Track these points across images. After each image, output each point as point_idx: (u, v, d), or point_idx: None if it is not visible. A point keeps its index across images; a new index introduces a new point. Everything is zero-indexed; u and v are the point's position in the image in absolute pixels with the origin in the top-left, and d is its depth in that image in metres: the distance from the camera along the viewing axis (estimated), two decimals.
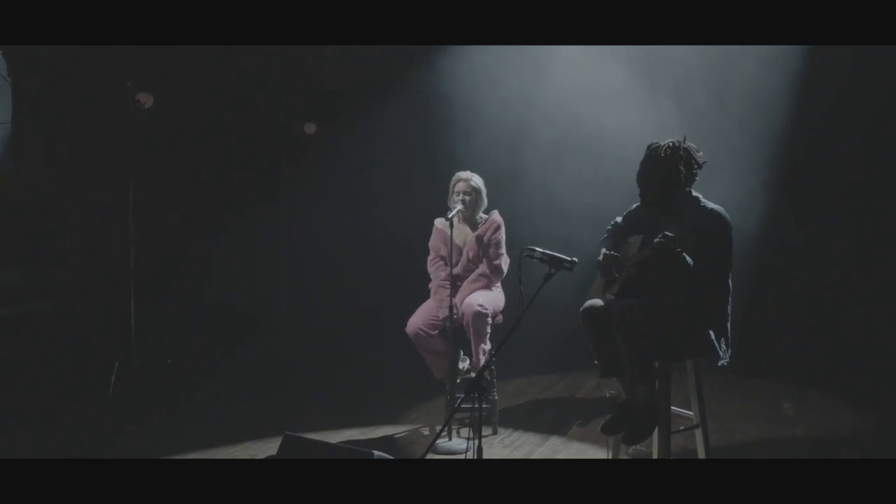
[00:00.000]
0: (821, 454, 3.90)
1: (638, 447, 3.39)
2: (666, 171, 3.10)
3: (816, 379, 5.37)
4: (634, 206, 3.45)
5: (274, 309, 6.54)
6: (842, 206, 5.61)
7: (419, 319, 4.29)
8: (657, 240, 2.91)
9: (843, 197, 5.62)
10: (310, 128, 6.80)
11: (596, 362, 3.33)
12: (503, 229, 4.35)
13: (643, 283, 3.14)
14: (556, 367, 5.88)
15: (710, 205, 3.13)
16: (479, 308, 4.14)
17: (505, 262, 4.39)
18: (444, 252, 4.38)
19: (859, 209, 5.56)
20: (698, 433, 3.19)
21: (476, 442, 2.93)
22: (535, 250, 2.99)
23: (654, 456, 3.13)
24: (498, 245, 4.33)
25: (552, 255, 2.99)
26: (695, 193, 3.19)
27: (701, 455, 3.20)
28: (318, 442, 3.22)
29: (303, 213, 6.62)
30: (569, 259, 3.02)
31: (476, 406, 2.91)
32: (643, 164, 3.19)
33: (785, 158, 5.52)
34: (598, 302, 3.22)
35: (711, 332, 3.08)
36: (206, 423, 4.50)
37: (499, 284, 4.44)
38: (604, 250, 3.35)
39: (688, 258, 2.96)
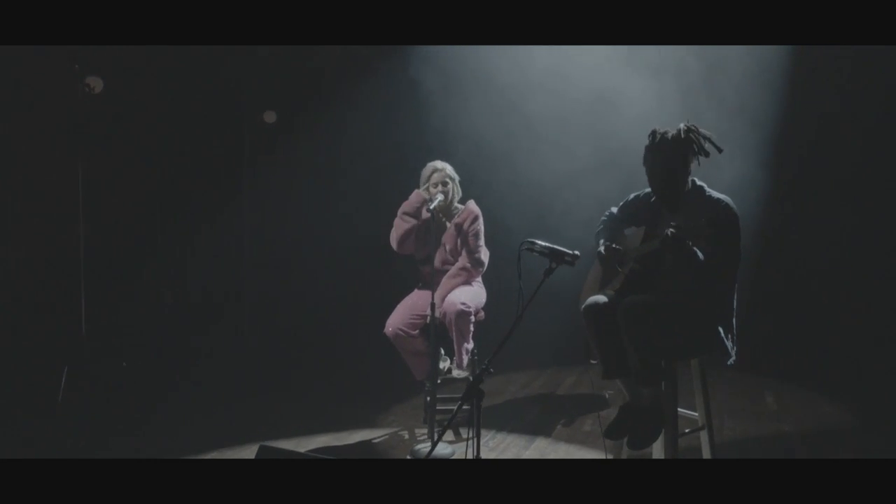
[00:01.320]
0: (813, 449, 3.82)
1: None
2: (675, 159, 2.91)
3: (791, 371, 5.33)
4: (632, 195, 3.28)
5: (238, 309, 6.21)
6: (820, 202, 5.57)
7: (398, 319, 4.06)
8: (668, 231, 2.73)
9: (818, 195, 5.59)
10: (270, 116, 6.48)
11: (593, 362, 3.16)
12: (481, 219, 4.15)
13: (647, 278, 2.97)
14: (532, 363, 5.73)
15: (716, 194, 2.97)
16: (461, 307, 3.93)
17: (485, 254, 4.19)
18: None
19: (838, 206, 5.52)
20: (703, 435, 3.04)
21: (475, 449, 2.73)
22: (535, 243, 2.78)
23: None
24: (477, 236, 4.12)
25: (553, 249, 2.79)
26: (699, 182, 3.03)
27: (706, 457, 3.05)
28: (298, 454, 2.96)
29: (268, 208, 6.30)
30: (570, 252, 2.82)
31: (476, 410, 2.70)
32: (650, 152, 3.00)
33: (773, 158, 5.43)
34: (602, 298, 3.03)
35: (721, 329, 2.92)
36: (170, 432, 4.18)
37: (479, 279, 4.24)
38: (603, 242, 3.17)
39: (698, 251, 2.79)
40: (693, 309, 2.89)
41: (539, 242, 2.78)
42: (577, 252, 2.87)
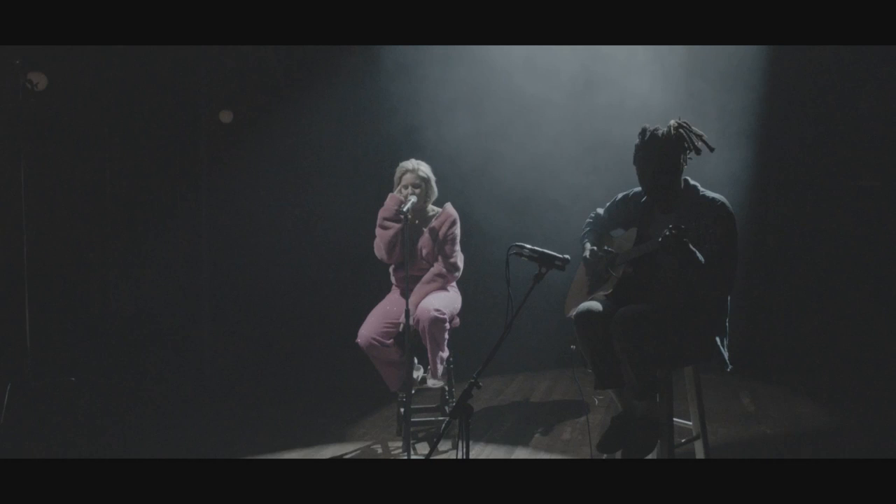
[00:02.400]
0: (796, 450, 3.75)
1: None
2: (666, 157, 2.78)
3: (762, 371, 5.29)
4: (620, 196, 3.15)
5: (195, 319, 5.89)
6: (795, 206, 5.54)
7: (371, 328, 3.85)
8: (668, 231, 2.58)
9: (790, 196, 5.57)
10: (226, 116, 6.20)
11: (590, 370, 3.01)
12: (458, 224, 3.97)
13: (641, 282, 2.83)
14: (502, 368, 5.57)
15: (711, 194, 2.85)
16: (435, 313, 3.75)
17: (461, 260, 4.01)
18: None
19: (810, 208, 5.50)
20: (698, 444, 2.91)
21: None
22: (523, 247, 2.62)
23: None
24: (454, 241, 3.95)
25: (542, 253, 2.63)
26: (692, 182, 2.90)
27: None
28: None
29: (228, 211, 5.99)
30: (560, 257, 2.66)
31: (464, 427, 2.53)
32: (642, 150, 2.86)
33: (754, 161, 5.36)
34: (596, 305, 2.88)
35: (717, 336, 2.80)
36: (127, 453, 3.90)
37: (455, 284, 4.07)
38: (589, 245, 3.03)
39: (698, 253, 2.65)
40: (690, 315, 2.76)
41: (527, 246, 2.62)
42: (566, 256, 2.73)
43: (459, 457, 2.55)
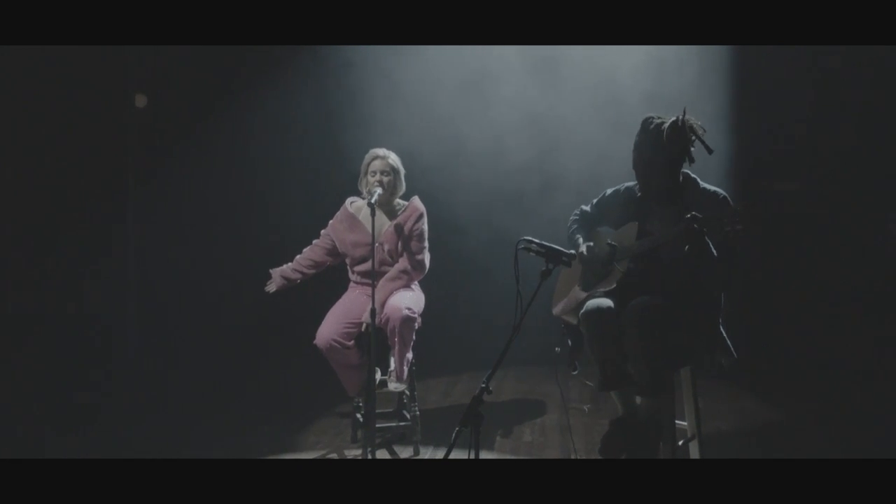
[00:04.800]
0: (759, 447, 3.80)
1: None
2: (673, 151, 2.68)
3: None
4: (610, 191, 3.06)
5: (122, 327, 5.34)
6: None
7: (332, 329, 3.60)
8: (687, 224, 2.49)
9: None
10: (140, 100, 5.72)
11: (574, 373, 2.90)
12: (426, 218, 3.76)
13: (644, 277, 2.74)
14: (444, 368, 5.40)
15: (711, 187, 2.80)
16: (407, 312, 3.54)
17: (428, 258, 3.80)
18: (349, 241, 3.72)
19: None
20: (693, 446, 2.85)
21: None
22: (532, 242, 2.49)
23: None
24: (421, 237, 3.74)
25: (549, 248, 2.51)
26: (692, 175, 2.83)
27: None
28: None
29: (156, 218, 5.49)
30: (567, 252, 2.56)
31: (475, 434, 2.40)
32: (645, 143, 2.75)
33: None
34: (606, 302, 2.77)
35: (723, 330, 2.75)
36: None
37: (417, 283, 3.86)
38: (583, 241, 2.92)
39: (711, 245, 2.58)
40: (699, 310, 2.69)
41: (535, 241, 2.49)
42: (573, 251, 2.62)
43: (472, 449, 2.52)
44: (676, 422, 2.96)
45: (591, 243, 2.94)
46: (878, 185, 5.32)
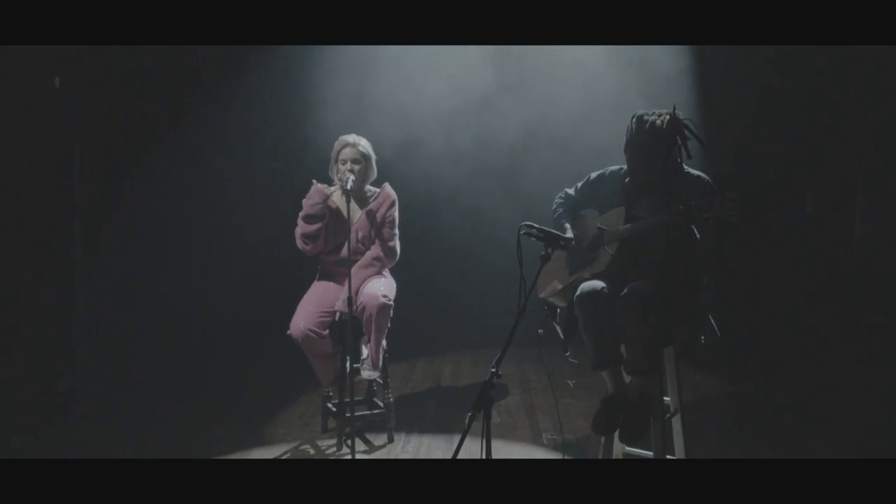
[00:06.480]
0: (734, 436, 3.87)
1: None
2: (665, 147, 2.73)
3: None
4: (594, 175, 3.11)
5: (69, 327, 5.01)
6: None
7: (306, 318, 3.53)
8: (679, 209, 2.57)
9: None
10: (56, 81, 5.38)
11: (567, 354, 2.96)
12: (397, 205, 3.73)
13: (631, 259, 2.82)
14: (398, 353, 5.35)
15: (694, 172, 2.89)
16: (384, 300, 3.51)
17: (399, 245, 3.77)
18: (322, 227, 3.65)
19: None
20: (676, 421, 2.96)
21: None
22: (532, 227, 2.53)
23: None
24: (392, 224, 3.71)
25: (549, 233, 2.56)
26: (677, 160, 2.91)
27: (679, 443, 2.97)
28: None
29: (109, 216, 5.18)
30: (564, 236, 2.63)
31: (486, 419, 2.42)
32: (637, 138, 2.80)
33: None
34: (598, 284, 2.84)
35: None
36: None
37: (388, 270, 3.83)
38: (569, 226, 2.97)
39: (696, 231, 2.67)
40: (687, 291, 2.79)
41: (535, 226, 2.52)
42: (570, 236, 2.67)
43: (482, 456, 2.52)
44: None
45: (576, 230, 3.00)
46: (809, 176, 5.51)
